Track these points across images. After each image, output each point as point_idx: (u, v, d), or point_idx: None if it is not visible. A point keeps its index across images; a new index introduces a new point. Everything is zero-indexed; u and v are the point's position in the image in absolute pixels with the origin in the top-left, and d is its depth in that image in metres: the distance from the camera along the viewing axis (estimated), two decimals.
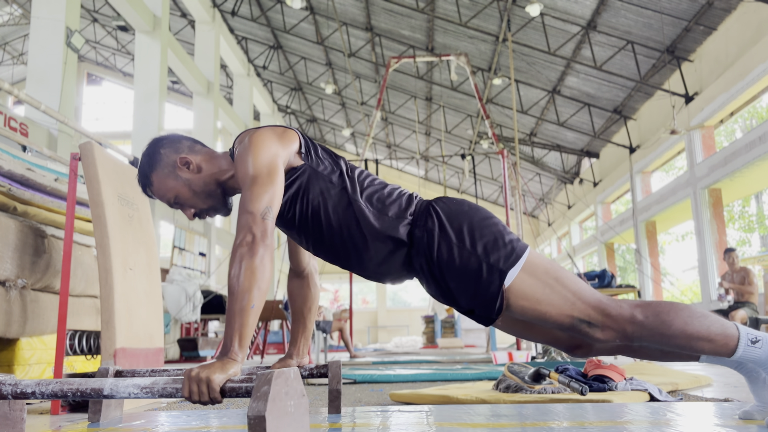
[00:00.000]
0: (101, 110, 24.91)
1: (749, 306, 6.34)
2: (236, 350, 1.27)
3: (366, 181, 1.60)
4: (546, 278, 1.47)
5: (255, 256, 1.32)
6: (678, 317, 1.42)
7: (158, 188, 1.61)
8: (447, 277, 1.50)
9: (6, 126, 5.86)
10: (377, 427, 1.72)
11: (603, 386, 2.44)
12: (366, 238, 1.53)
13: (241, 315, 1.29)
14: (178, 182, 1.59)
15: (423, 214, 1.54)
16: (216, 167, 1.62)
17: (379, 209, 1.55)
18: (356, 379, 3.72)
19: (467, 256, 1.48)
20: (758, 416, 1.55)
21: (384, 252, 1.54)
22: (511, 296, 1.46)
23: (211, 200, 1.63)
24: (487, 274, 1.46)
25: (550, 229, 21.78)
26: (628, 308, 1.44)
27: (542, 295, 1.46)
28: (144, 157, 1.62)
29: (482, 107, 8.90)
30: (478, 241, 1.49)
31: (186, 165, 1.59)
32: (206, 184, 1.61)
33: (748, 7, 9.42)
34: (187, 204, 1.62)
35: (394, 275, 1.61)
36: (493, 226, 1.52)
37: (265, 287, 1.32)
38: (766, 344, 1.42)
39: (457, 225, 1.51)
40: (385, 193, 1.58)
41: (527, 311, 1.48)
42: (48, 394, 1.29)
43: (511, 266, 1.46)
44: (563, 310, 1.45)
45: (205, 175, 1.61)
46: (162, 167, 1.59)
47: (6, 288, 2.54)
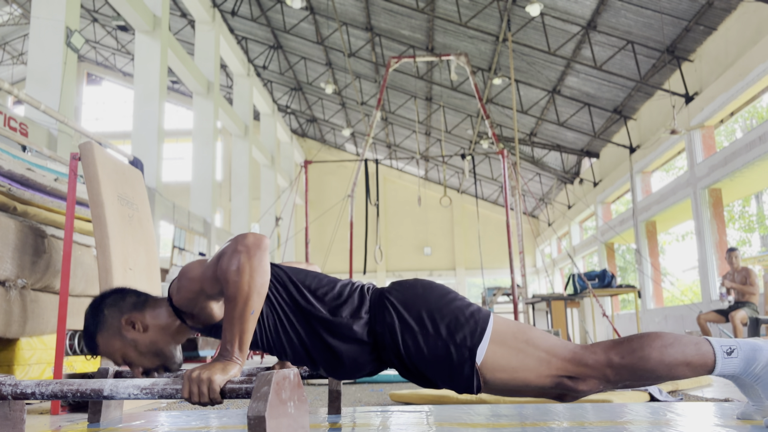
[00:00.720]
0: (101, 110, 24.92)
1: (749, 306, 6.34)
2: (236, 353, 1.28)
3: (313, 285, 1.56)
4: (516, 343, 1.45)
5: (253, 259, 1.32)
6: (653, 349, 1.41)
7: (104, 349, 1.54)
8: (419, 367, 1.48)
9: (6, 126, 5.85)
10: (377, 427, 1.72)
11: None
12: (332, 345, 1.51)
13: (241, 321, 1.29)
14: (125, 343, 1.52)
15: (380, 309, 1.51)
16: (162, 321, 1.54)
17: (333, 312, 1.52)
18: (356, 379, 3.71)
19: (433, 342, 1.45)
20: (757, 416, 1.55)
21: (354, 352, 1.52)
22: (486, 372, 1.44)
23: (158, 359, 1.55)
24: (457, 356, 1.44)
25: (550, 229, 21.77)
26: (603, 353, 1.43)
27: (517, 362, 1.44)
28: (87, 319, 1.56)
29: (482, 107, 8.90)
30: (440, 323, 1.46)
31: (131, 325, 1.52)
32: (152, 343, 1.53)
33: (748, 7, 9.42)
34: (135, 363, 1.54)
35: (372, 369, 1.59)
36: (452, 303, 1.50)
37: (264, 291, 1.33)
38: (741, 351, 1.41)
39: (415, 312, 1.48)
40: (335, 294, 1.55)
41: (507, 382, 1.46)
42: (48, 395, 1.29)
43: (478, 342, 1.44)
44: (541, 372, 1.44)
45: (152, 333, 1.53)
46: (106, 329, 1.52)
47: (6, 288, 2.54)
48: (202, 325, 1.54)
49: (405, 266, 24.24)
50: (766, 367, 1.40)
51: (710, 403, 2.14)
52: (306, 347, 1.53)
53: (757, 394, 1.51)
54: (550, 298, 9.21)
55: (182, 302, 1.48)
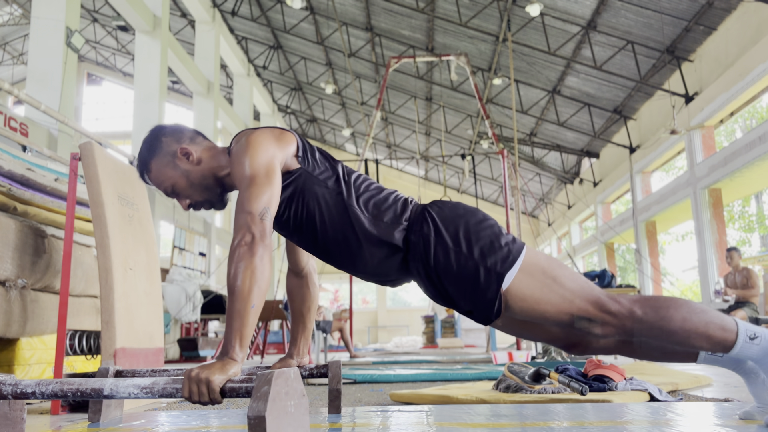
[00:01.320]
0: (101, 110, 24.91)
1: (750, 306, 6.35)
2: (236, 351, 1.28)
3: (362, 185, 1.60)
4: (543, 278, 1.47)
5: (254, 255, 1.32)
6: (677, 313, 1.42)
7: (156, 176, 1.60)
8: (444, 282, 1.50)
9: (6, 126, 5.86)
10: (377, 427, 1.72)
11: (603, 386, 2.44)
12: (361, 243, 1.53)
13: (241, 316, 1.29)
14: (177, 172, 1.59)
15: (418, 219, 1.54)
16: (216, 162, 1.62)
17: (375, 214, 1.55)
18: (356, 379, 3.72)
19: (464, 260, 1.48)
20: (759, 417, 1.54)
21: (380, 256, 1.54)
22: (509, 298, 1.47)
23: (207, 193, 1.62)
24: (485, 278, 1.46)
25: (550, 229, 21.77)
26: (627, 304, 1.44)
27: (540, 295, 1.46)
28: (144, 144, 1.62)
29: (482, 107, 8.90)
30: (474, 244, 1.49)
31: (186, 156, 1.59)
32: (204, 177, 1.60)
33: (748, 7, 9.42)
34: (183, 195, 1.61)
35: (391, 278, 1.61)
36: (489, 229, 1.52)
37: (264, 287, 1.32)
38: (764, 341, 1.41)
39: (452, 229, 1.51)
40: (380, 198, 1.58)
41: (526, 311, 1.48)
42: (48, 394, 1.29)
43: (508, 269, 1.46)
44: (562, 308, 1.45)
45: (204, 168, 1.60)
46: (162, 155, 1.59)
47: (6, 288, 2.54)
48: None
49: None
50: None
51: (710, 403, 2.14)
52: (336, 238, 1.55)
53: (765, 395, 1.50)
54: None
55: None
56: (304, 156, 1.58)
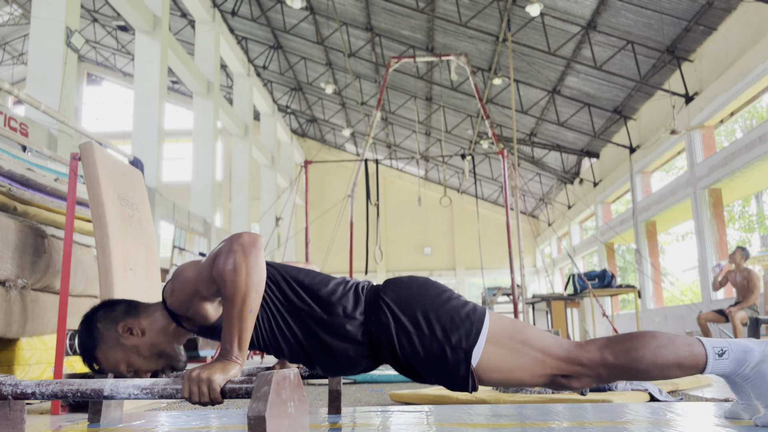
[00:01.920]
0: (101, 110, 24.92)
1: (749, 306, 6.36)
2: (236, 352, 1.28)
3: (307, 283, 1.55)
4: (512, 344, 1.45)
5: (249, 257, 1.31)
6: (647, 350, 1.42)
7: (106, 363, 1.50)
8: (415, 366, 1.48)
9: (6, 126, 5.85)
10: (377, 427, 1.72)
11: (603, 386, 2.44)
12: (328, 344, 1.51)
13: (239, 318, 1.29)
14: (126, 351, 1.49)
15: (375, 309, 1.50)
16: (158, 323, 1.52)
17: (328, 312, 1.51)
18: (356, 379, 3.72)
19: (428, 342, 1.45)
20: (745, 415, 1.55)
21: (349, 351, 1.52)
22: (481, 373, 1.45)
23: (163, 360, 1.52)
24: (453, 357, 1.44)
25: (550, 229, 21.77)
26: (598, 352, 1.44)
27: (512, 362, 1.45)
28: (83, 336, 1.51)
29: (482, 107, 8.89)
30: (435, 324, 1.46)
31: (129, 331, 1.49)
32: (153, 345, 1.50)
33: (748, 7, 9.42)
34: (142, 369, 1.52)
35: (368, 366, 1.59)
36: (447, 303, 1.49)
37: (261, 289, 1.33)
38: (732, 353, 1.42)
39: (410, 312, 1.48)
40: (329, 292, 1.54)
41: (502, 382, 1.47)
42: (48, 395, 1.29)
43: (474, 343, 1.44)
44: (536, 371, 1.45)
45: (151, 335, 1.50)
46: (104, 341, 1.49)
47: (6, 288, 2.54)
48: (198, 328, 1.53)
49: (405, 266, 24.23)
50: (755, 368, 1.41)
51: (710, 403, 2.14)
52: (302, 345, 1.53)
53: (746, 393, 1.52)
54: (550, 298, 9.21)
55: (176, 305, 1.46)
56: None
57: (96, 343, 1.49)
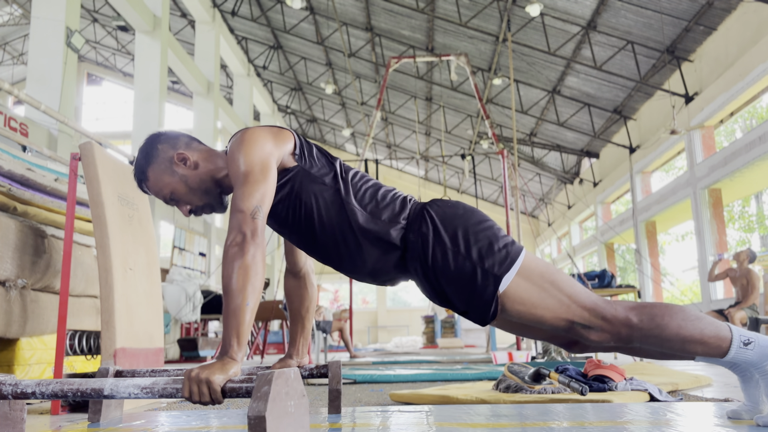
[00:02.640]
0: (101, 110, 24.91)
1: (749, 306, 6.36)
2: (235, 350, 1.28)
3: (360, 183, 1.59)
4: (541, 282, 1.47)
5: (246, 254, 1.32)
6: (673, 320, 1.42)
7: (154, 183, 1.59)
8: (442, 282, 1.50)
9: (6, 126, 5.86)
10: (377, 427, 1.72)
11: (603, 386, 2.44)
12: (359, 241, 1.53)
13: (236, 314, 1.29)
14: (174, 178, 1.58)
15: (417, 218, 1.54)
16: (213, 165, 1.61)
17: (373, 212, 1.54)
18: (356, 379, 3.72)
19: (462, 261, 1.47)
20: (746, 416, 1.55)
21: (376, 254, 1.54)
22: (506, 301, 1.47)
23: (207, 197, 1.62)
24: (482, 279, 1.46)
25: (550, 229, 21.77)
26: (623, 311, 1.44)
27: (537, 299, 1.46)
28: (140, 152, 1.60)
29: (482, 107, 8.90)
30: (472, 245, 1.48)
31: (183, 161, 1.58)
32: (202, 181, 1.60)
33: (748, 7, 9.42)
34: (183, 200, 1.61)
35: (389, 277, 1.61)
36: (488, 230, 1.52)
37: (259, 285, 1.33)
38: (758, 346, 1.42)
39: (451, 229, 1.51)
40: (379, 196, 1.57)
41: (523, 315, 1.48)
42: (48, 394, 1.29)
43: (505, 271, 1.46)
44: (558, 313, 1.46)
45: (202, 172, 1.60)
46: (158, 162, 1.58)
47: (6, 288, 2.54)
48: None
49: None
50: None
51: (710, 403, 2.14)
52: (334, 237, 1.54)
53: (756, 394, 1.51)
54: None
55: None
56: (301, 154, 1.57)
57: (150, 162, 1.58)
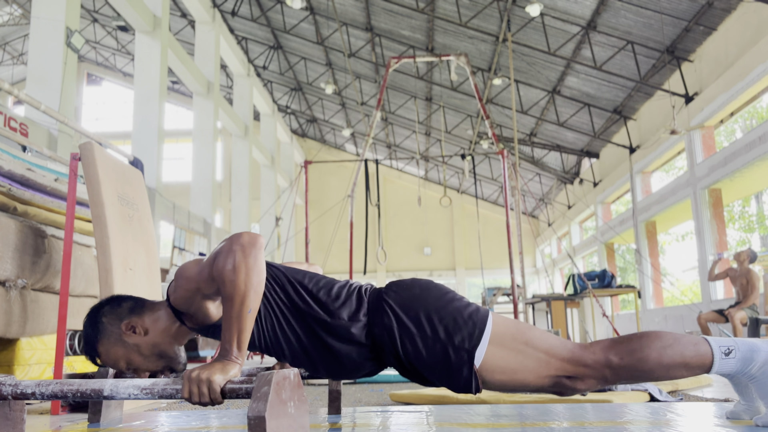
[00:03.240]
0: (101, 110, 24.91)
1: (749, 306, 6.36)
2: (235, 352, 1.28)
3: (311, 286, 1.55)
4: (515, 345, 1.45)
5: (248, 257, 1.32)
6: (652, 350, 1.41)
7: (107, 358, 1.52)
8: (418, 368, 1.48)
9: (6, 126, 5.85)
10: (377, 427, 1.72)
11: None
12: (331, 346, 1.50)
13: (238, 320, 1.29)
14: (127, 349, 1.51)
15: (378, 312, 1.50)
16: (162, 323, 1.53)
17: (332, 314, 1.51)
18: (356, 379, 3.71)
19: (431, 344, 1.45)
20: (745, 416, 1.55)
21: (353, 353, 1.52)
22: (485, 374, 1.45)
23: (163, 361, 1.54)
24: (456, 358, 1.44)
25: (550, 229, 21.77)
26: (602, 353, 1.43)
27: (515, 363, 1.44)
28: (87, 329, 1.54)
29: (482, 107, 8.89)
30: (438, 325, 1.46)
31: (132, 330, 1.51)
32: (155, 345, 1.52)
33: (748, 7, 9.42)
34: (141, 368, 1.53)
35: (369, 370, 1.59)
36: (449, 304, 1.49)
37: (260, 289, 1.33)
38: (738, 352, 1.41)
39: (413, 314, 1.48)
40: (332, 296, 1.54)
41: (506, 383, 1.46)
42: (48, 395, 1.29)
43: (477, 343, 1.43)
44: (540, 372, 1.44)
45: (153, 335, 1.52)
46: (107, 336, 1.51)
47: (6, 288, 2.54)
48: (200, 326, 1.53)
49: (405, 266, 24.23)
50: (762, 368, 1.40)
51: (710, 403, 2.14)
52: (305, 348, 1.53)
53: (749, 394, 1.51)
54: (550, 298, 9.21)
55: (179, 302, 1.47)
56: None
57: (99, 337, 1.51)
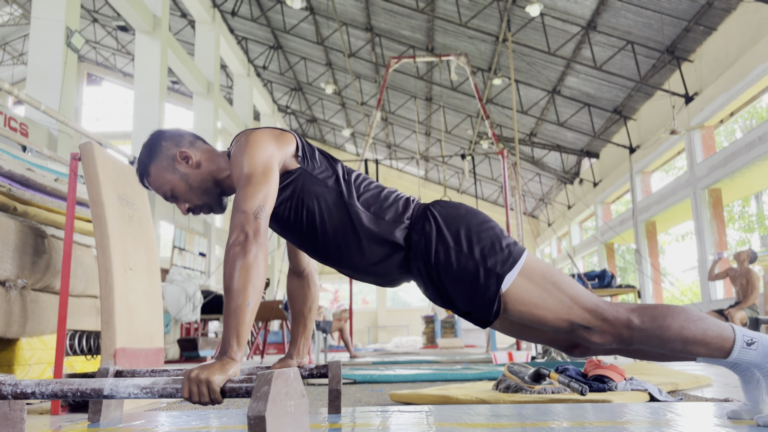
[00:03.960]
0: (101, 110, 24.91)
1: (749, 306, 6.36)
2: (234, 349, 1.28)
3: (363, 185, 1.60)
4: (543, 282, 1.47)
5: (248, 254, 1.32)
6: (675, 321, 1.42)
7: (155, 180, 1.61)
8: (444, 281, 1.51)
9: (6, 126, 5.86)
10: (377, 427, 1.72)
11: (603, 386, 2.44)
12: (362, 242, 1.54)
13: (237, 314, 1.29)
14: (176, 176, 1.59)
15: (420, 218, 1.55)
16: (215, 165, 1.63)
17: (376, 213, 1.55)
18: (356, 379, 3.72)
19: (465, 260, 1.48)
20: (746, 416, 1.55)
21: (381, 255, 1.55)
22: (508, 300, 1.47)
23: (206, 197, 1.63)
24: (485, 279, 1.47)
25: (550, 229, 21.77)
26: (625, 312, 1.44)
27: (539, 299, 1.46)
28: (144, 148, 1.62)
29: (482, 107, 8.89)
30: (475, 245, 1.49)
31: (185, 159, 1.59)
32: (203, 180, 1.61)
33: (748, 7, 9.42)
34: (183, 198, 1.62)
35: (392, 278, 1.61)
36: (491, 230, 1.52)
37: (260, 285, 1.33)
38: (761, 346, 1.41)
39: (454, 229, 1.51)
40: (381, 197, 1.58)
41: (524, 315, 1.48)
42: (48, 395, 1.29)
43: (508, 270, 1.47)
44: (560, 314, 1.46)
45: (204, 171, 1.61)
46: (161, 159, 1.59)
47: (6, 288, 2.54)
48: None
49: None
50: None
51: (710, 403, 2.14)
52: (337, 240, 1.55)
53: (757, 395, 1.51)
54: None
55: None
56: (303, 156, 1.58)
57: (153, 158, 1.59)
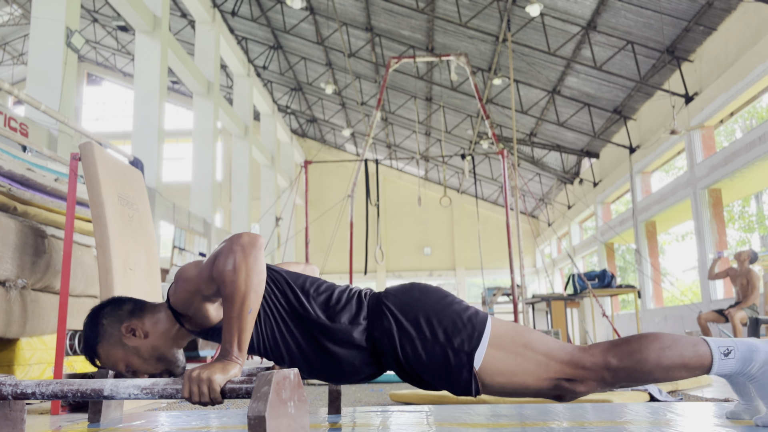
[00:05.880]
0: (101, 110, 24.92)
1: (749, 306, 6.36)
2: (235, 352, 1.29)
3: (311, 291, 1.56)
4: (514, 347, 1.45)
5: (248, 257, 1.32)
6: (651, 351, 1.41)
7: (106, 360, 1.52)
8: (418, 371, 1.49)
9: (6, 126, 5.85)
10: (377, 427, 1.72)
11: None
12: (331, 351, 1.51)
13: (239, 319, 1.29)
14: (127, 351, 1.50)
15: (377, 315, 1.51)
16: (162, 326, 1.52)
17: (332, 318, 1.51)
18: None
19: (431, 346, 1.46)
20: (746, 416, 1.55)
21: (353, 357, 1.52)
22: (484, 376, 1.45)
23: (162, 364, 1.53)
24: (455, 360, 1.44)
25: (550, 229, 21.77)
26: (601, 355, 1.43)
27: (515, 366, 1.44)
28: (87, 331, 1.53)
29: (482, 107, 8.89)
30: (437, 328, 1.46)
31: (131, 332, 1.50)
32: (154, 348, 1.51)
33: (748, 7, 9.42)
34: (141, 371, 1.53)
35: (366, 374, 1.59)
36: (448, 308, 1.50)
37: (261, 289, 1.33)
38: (738, 353, 1.41)
39: (413, 317, 1.48)
40: (333, 301, 1.54)
41: (505, 386, 1.46)
42: (48, 395, 1.29)
43: (476, 346, 1.44)
44: (540, 375, 1.44)
45: (153, 339, 1.51)
46: (106, 338, 1.50)
47: (6, 288, 2.54)
48: (200, 329, 1.53)
49: (405, 266, 24.24)
50: (762, 368, 1.40)
51: (710, 403, 2.14)
52: (304, 353, 1.53)
53: (748, 394, 1.51)
54: (550, 298, 9.21)
55: (179, 304, 1.47)
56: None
57: (99, 339, 1.51)
